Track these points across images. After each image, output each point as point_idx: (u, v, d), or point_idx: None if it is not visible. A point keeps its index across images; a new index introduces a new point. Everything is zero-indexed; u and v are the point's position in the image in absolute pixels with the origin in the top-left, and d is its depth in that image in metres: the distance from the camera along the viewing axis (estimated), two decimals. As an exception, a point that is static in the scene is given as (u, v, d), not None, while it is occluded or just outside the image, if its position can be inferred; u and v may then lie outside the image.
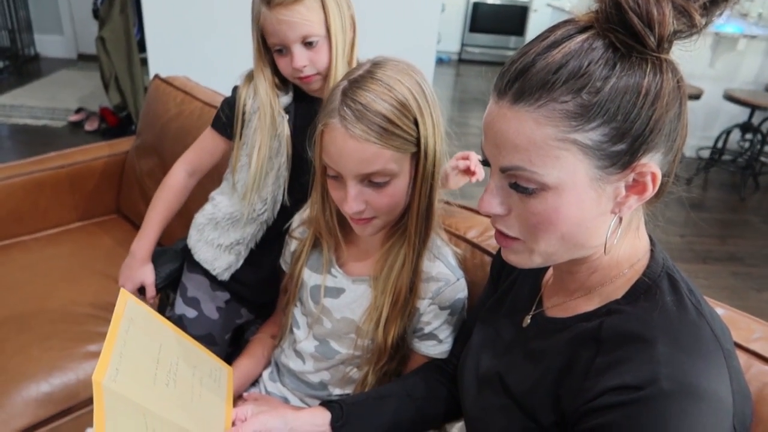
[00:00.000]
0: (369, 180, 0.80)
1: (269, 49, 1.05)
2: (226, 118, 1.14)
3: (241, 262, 1.18)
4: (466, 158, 1.08)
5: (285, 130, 1.08)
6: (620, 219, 0.59)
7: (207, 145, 1.20)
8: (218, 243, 1.17)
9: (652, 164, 0.55)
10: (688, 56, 0.55)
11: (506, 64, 0.57)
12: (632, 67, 0.53)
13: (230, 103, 1.13)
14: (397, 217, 0.89)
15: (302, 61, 1.01)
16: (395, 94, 0.78)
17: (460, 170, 1.07)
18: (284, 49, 1.02)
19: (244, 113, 1.10)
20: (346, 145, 0.77)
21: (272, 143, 1.08)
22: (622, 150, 0.54)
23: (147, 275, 1.20)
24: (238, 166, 1.13)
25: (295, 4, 0.97)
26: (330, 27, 1.00)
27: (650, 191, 0.56)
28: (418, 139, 0.80)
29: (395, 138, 0.78)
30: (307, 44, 1.00)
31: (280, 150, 1.09)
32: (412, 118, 0.79)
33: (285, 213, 1.12)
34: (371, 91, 0.77)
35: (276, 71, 1.08)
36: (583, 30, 0.55)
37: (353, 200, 0.80)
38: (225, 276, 1.18)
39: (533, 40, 0.57)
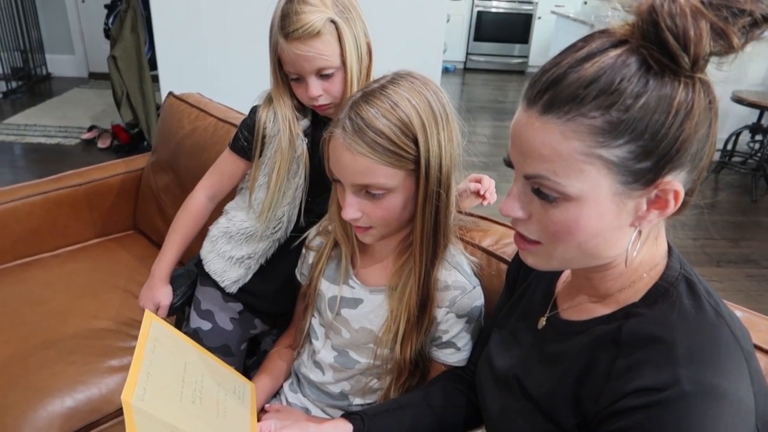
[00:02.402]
0: (366, 191, 0.82)
1: (286, 75, 1.06)
2: (246, 141, 1.15)
3: (250, 276, 1.20)
4: (479, 181, 1.08)
5: (304, 152, 1.10)
6: (640, 231, 0.59)
7: (228, 168, 1.21)
8: (230, 255, 1.19)
9: (675, 182, 0.55)
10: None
11: (538, 73, 0.57)
12: (664, 87, 0.53)
13: (249, 126, 1.14)
14: (407, 230, 0.91)
15: (317, 92, 1.03)
16: (398, 112, 0.80)
17: (472, 192, 1.08)
18: (300, 78, 1.04)
19: (264, 136, 1.11)
20: (343, 155, 0.81)
21: (291, 165, 1.10)
22: (647, 167, 0.54)
23: (164, 297, 1.22)
24: (256, 185, 1.15)
25: (312, 39, 0.98)
26: (346, 59, 1.01)
27: (672, 208, 0.56)
28: (418, 157, 0.81)
29: (390, 155, 0.80)
30: (323, 75, 1.02)
31: (299, 171, 1.11)
32: (412, 137, 0.80)
33: (298, 231, 1.14)
34: (375, 107, 0.80)
35: (294, 94, 1.10)
36: (618, 44, 0.55)
37: (349, 207, 0.83)
38: (233, 289, 1.20)
39: (567, 50, 0.57)
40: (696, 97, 0.53)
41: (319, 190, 1.12)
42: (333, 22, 0.99)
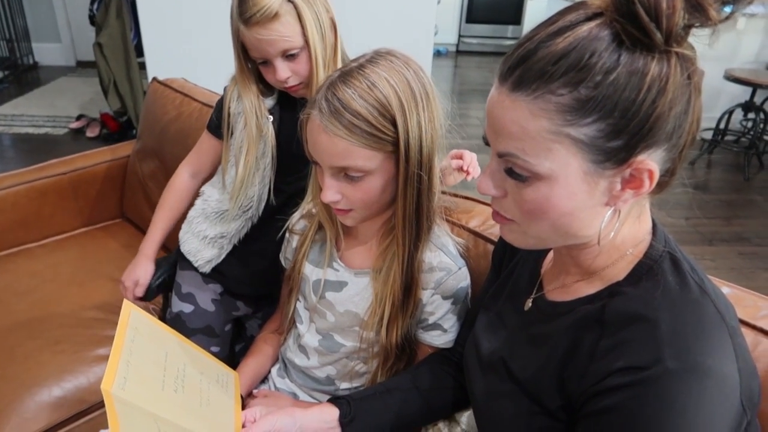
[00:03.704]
0: (345, 173, 0.81)
1: (251, 59, 1.06)
2: (217, 119, 1.18)
3: (223, 256, 1.20)
4: (460, 157, 1.08)
5: (270, 131, 1.10)
6: (618, 211, 0.58)
7: (205, 146, 1.24)
8: (204, 235, 1.20)
9: (649, 161, 0.54)
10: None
11: (512, 48, 0.56)
12: (636, 62, 0.51)
13: (218, 106, 1.17)
14: (390, 211, 0.89)
15: (285, 74, 1.03)
16: (376, 93, 0.78)
17: (454, 169, 1.08)
18: (267, 62, 1.04)
19: (229, 115, 1.13)
20: (320, 137, 0.79)
21: (258, 145, 1.10)
22: (618, 146, 0.53)
23: (143, 274, 1.23)
24: (228, 165, 1.16)
25: (271, 22, 0.98)
26: (308, 38, 1.01)
27: (646, 188, 0.55)
28: (397, 139, 0.79)
29: (368, 136, 0.78)
30: (289, 56, 1.02)
31: (266, 151, 1.11)
32: (390, 118, 0.78)
33: (270, 211, 1.15)
34: (353, 87, 0.78)
35: (260, 78, 1.10)
36: (592, 17, 0.53)
37: (327, 190, 0.82)
38: (206, 269, 1.21)
39: (542, 23, 0.55)
40: (671, 72, 0.51)
41: (288, 170, 1.12)
42: (290, 1, 0.98)
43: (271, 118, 1.10)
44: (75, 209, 1.77)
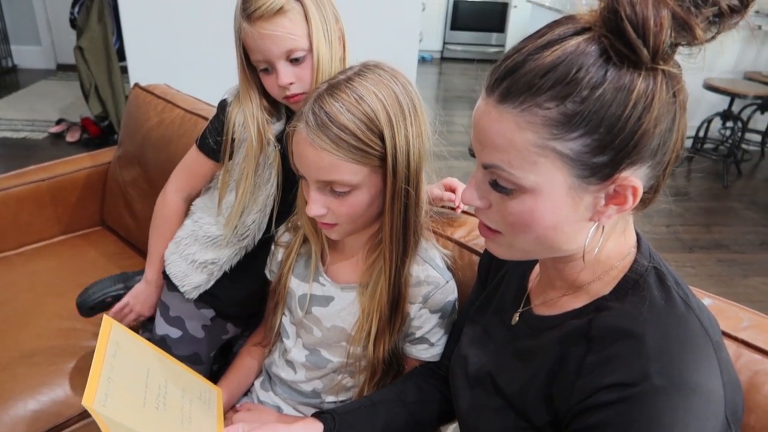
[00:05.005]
0: (331, 187, 0.80)
1: (255, 69, 0.99)
2: (215, 143, 1.08)
3: (212, 282, 1.13)
4: (453, 191, 1.04)
5: (276, 158, 1.02)
6: (602, 226, 0.58)
7: (199, 169, 1.14)
8: (193, 259, 1.12)
9: (633, 178, 0.54)
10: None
11: (500, 59, 0.56)
12: (623, 78, 0.51)
13: (218, 127, 1.07)
14: (377, 225, 0.88)
15: (288, 78, 0.94)
16: (363, 106, 0.77)
17: (447, 200, 1.05)
18: (269, 67, 0.95)
19: (233, 139, 1.04)
20: (306, 151, 0.78)
21: (263, 172, 1.03)
22: (603, 162, 0.53)
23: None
24: (227, 189, 1.08)
25: (276, 16, 0.91)
26: (312, 39, 0.93)
27: (630, 204, 0.55)
28: (384, 153, 0.79)
29: (355, 151, 0.77)
30: (293, 60, 0.94)
31: (270, 179, 1.04)
32: (377, 133, 0.77)
33: (266, 241, 1.08)
34: (340, 101, 0.77)
35: (265, 93, 1.01)
36: (581, 31, 0.53)
37: (313, 203, 0.81)
38: (193, 295, 1.13)
39: (531, 36, 0.55)
40: (657, 90, 0.52)
41: (292, 198, 1.03)
42: (298, 0, 0.92)
43: (278, 145, 1.01)
44: (53, 217, 1.73)
